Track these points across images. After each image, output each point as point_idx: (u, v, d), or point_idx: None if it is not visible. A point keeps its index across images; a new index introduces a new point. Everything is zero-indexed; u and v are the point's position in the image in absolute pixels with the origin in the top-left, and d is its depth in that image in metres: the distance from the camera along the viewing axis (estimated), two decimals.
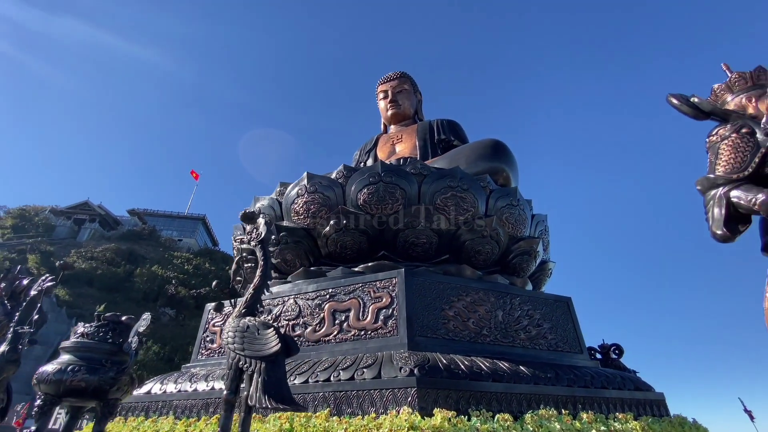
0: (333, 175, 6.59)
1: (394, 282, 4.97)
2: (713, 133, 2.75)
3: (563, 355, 5.24)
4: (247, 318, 2.43)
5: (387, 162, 10.02)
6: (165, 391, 4.97)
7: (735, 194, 2.49)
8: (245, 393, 2.16)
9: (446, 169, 6.58)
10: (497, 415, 3.41)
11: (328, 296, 5.25)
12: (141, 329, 2.83)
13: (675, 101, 2.86)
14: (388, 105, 12.72)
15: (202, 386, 4.82)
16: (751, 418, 8.99)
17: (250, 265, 7.27)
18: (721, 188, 2.58)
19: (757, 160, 2.50)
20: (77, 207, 44.84)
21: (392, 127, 12.95)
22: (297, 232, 6.42)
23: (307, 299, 5.36)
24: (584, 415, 3.81)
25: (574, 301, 5.97)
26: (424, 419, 3.18)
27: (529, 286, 6.62)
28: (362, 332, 4.77)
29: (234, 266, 3.32)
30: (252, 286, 2.74)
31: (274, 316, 5.50)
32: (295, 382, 4.13)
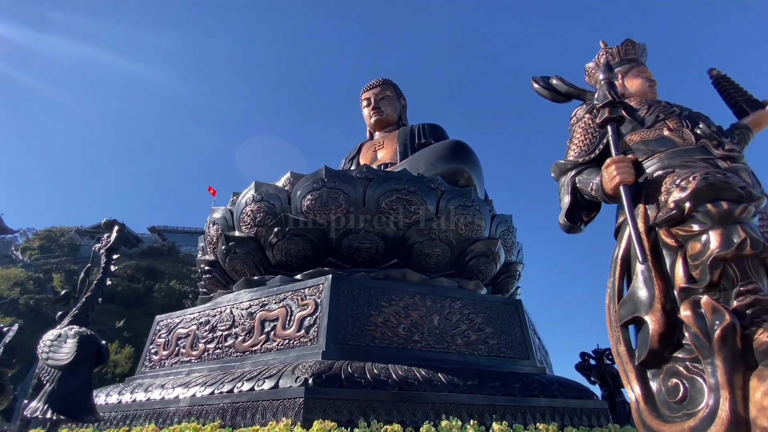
0: (280, 183, 6.57)
1: (321, 288, 4.85)
2: (572, 115, 2.54)
3: (505, 362, 4.96)
4: (68, 327, 2.38)
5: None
6: (97, 404, 4.98)
7: (579, 179, 2.28)
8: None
9: (393, 172, 6.46)
10: (386, 427, 3.22)
11: (260, 305, 5.18)
12: (7, 341, 2.83)
13: (536, 85, 2.67)
14: (371, 112, 12.67)
15: (141, 397, 4.80)
16: None
17: (208, 276, 7.34)
18: (569, 174, 2.37)
19: (605, 141, 2.28)
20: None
21: (377, 133, 12.89)
22: (246, 242, 6.39)
23: (241, 309, 5.30)
24: (496, 426, 3.55)
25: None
26: (302, 431, 3.03)
27: (484, 291, 6.34)
28: (287, 341, 4.66)
29: (82, 275, 3.28)
30: (85, 295, 2.69)
31: (211, 326, 5.46)
32: (205, 392, 4.06)
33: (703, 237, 1.59)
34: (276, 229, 6.05)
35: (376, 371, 3.86)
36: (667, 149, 2.07)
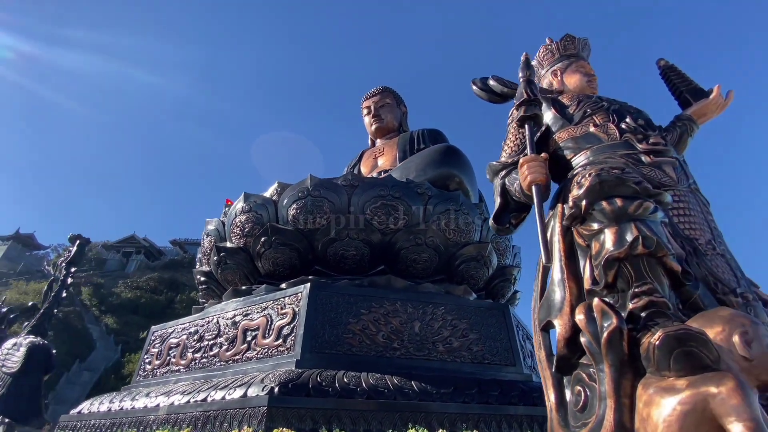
0: (268, 193, 6.67)
1: (299, 297, 4.88)
2: (509, 115, 2.48)
3: (488, 368, 4.83)
4: (24, 336, 2.47)
5: (365, 175, 10.00)
6: (90, 411, 5.13)
7: (508, 180, 2.22)
8: None
9: (378, 178, 6.47)
10: None
11: (243, 315, 5.24)
12: None
13: (474, 87, 2.62)
14: (372, 120, 12.71)
15: (127, 405, 4.92)
16: None
17: (204, 287, 7.49)
18: (500, 174, 2.31)
19: (534, 140, 2.21)
20: (125, 241, 48.58)
21: (378, 141, 12.94)
22: (236, 252, 6.50)
23: (227, 318, 5.38)
24: None
25: None
26: None
27: (473, 296, 6.22)
28: (266, 350, 4.69)
29: (45, 288, 3.39)
30: (44, 306, 2.79)
31: (199, 336, 5.56)
32: (182, 401, 4.12)
33: (602, 236, 1.52)
34: (263, 239, 6.13)
35: (346, 380, 3.83)
36: (593, 145, 2.00)
